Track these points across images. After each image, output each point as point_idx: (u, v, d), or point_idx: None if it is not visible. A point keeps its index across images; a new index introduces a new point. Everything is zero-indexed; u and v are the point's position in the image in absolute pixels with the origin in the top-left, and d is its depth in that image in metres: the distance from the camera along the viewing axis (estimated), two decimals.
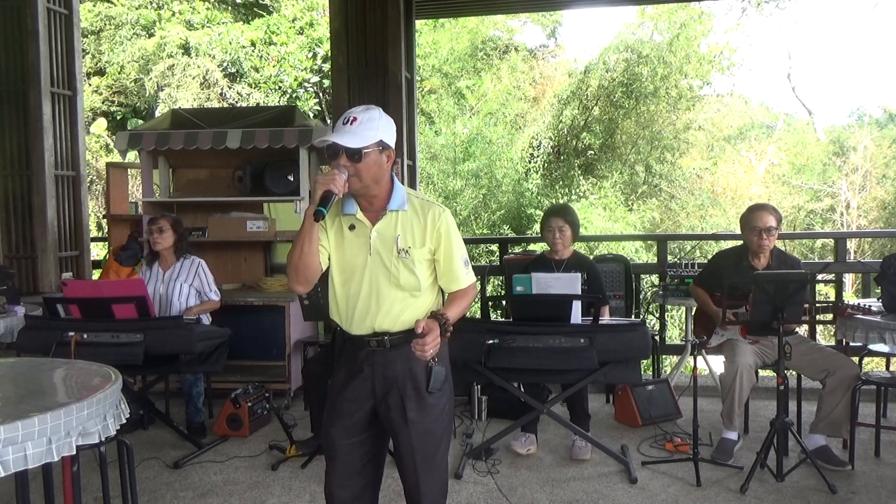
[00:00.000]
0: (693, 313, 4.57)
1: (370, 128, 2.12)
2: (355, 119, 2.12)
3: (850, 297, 8.22)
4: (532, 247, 7.85)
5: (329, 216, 2.22)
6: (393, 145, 2.19)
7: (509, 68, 15.21)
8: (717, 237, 7.88)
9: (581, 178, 13.93)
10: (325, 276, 2.26)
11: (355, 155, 2.09)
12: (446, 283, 2.24)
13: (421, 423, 2.19)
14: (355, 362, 2.23)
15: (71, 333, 3.60)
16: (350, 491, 2.27)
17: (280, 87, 13.26)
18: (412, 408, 2.18)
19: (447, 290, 2.27)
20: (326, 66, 12.65)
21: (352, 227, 2.20)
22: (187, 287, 4.32)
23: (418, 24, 7.09)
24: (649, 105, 13.95)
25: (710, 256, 4.48)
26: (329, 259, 2.23)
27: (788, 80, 23.75)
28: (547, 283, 3.71)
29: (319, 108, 13.47)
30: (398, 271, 2.16)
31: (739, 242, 4.05)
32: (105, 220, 7.43)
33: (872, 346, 3.81)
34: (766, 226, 3.80)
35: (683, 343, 5.25)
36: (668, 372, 5.53)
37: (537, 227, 12.10)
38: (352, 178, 2.11)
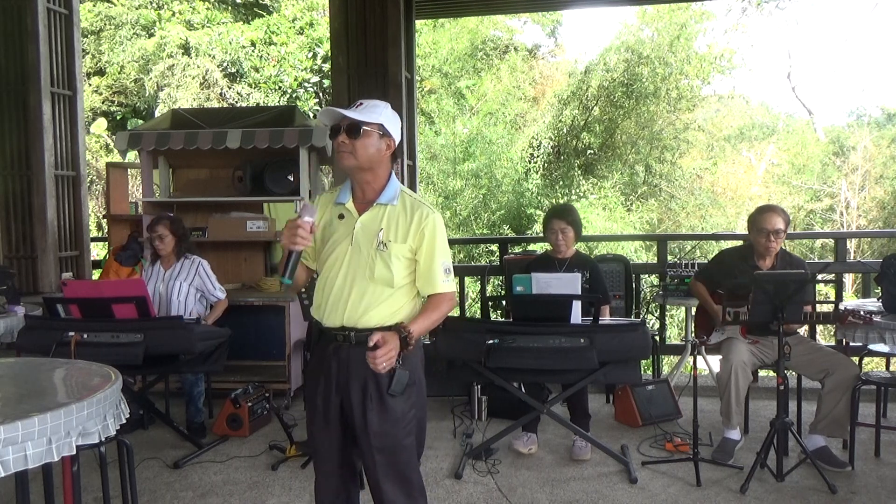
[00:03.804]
0: (693, 313, 4.57)
1: (374, 112, 2.18)
2: (361, 104, 2.20)
3: (850, 297, 8.23)
4: (532, 247, 7.85)
5: (322, 206, 2.29)
6: (395, 137, 2.22)
7: (509, 68, 15.20)
8: (717, 237, 7.89)
9: (581, 178, 13.93)
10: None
11: (354, 130, 2.13)
12: (423, 284, 2.23)
13: (380, 425, 2.17)
14: (325, 356, 2.24)
15: (71, 333, 3.60)
16: (331, 491, 2.30)
17: (280, 87, 13.26)
18: (372, 409, 2.17)
19: (423, 293, 2.25)
20: (326, 66, 12.66)
21: (341, 217, 2.24)
22: (187, 286, 4.33)
23: (418, 24, 7.09)
24: (649, 105, 13.96)
25: (710, 256, 4.47)
26: (317, 253, 2.29)
27: (788, 80, 23.75)
28: (547, 283, 3.71)
29: (319, 108, 13.44)
30: (374, 263, 2.17)
31: (739, 243, 4.05)
32: (105, 220, 7.43)
33: (872, 346, 3.82)
34: (774, 228, 3.80)
35: (683, 343, 5.25)
36: (667, 372, 5.53)
37: (537, 227, 12.16)
38: (347, 155, 2.15)
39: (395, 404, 2.18)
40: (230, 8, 15.06)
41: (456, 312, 8.26)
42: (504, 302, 4.61)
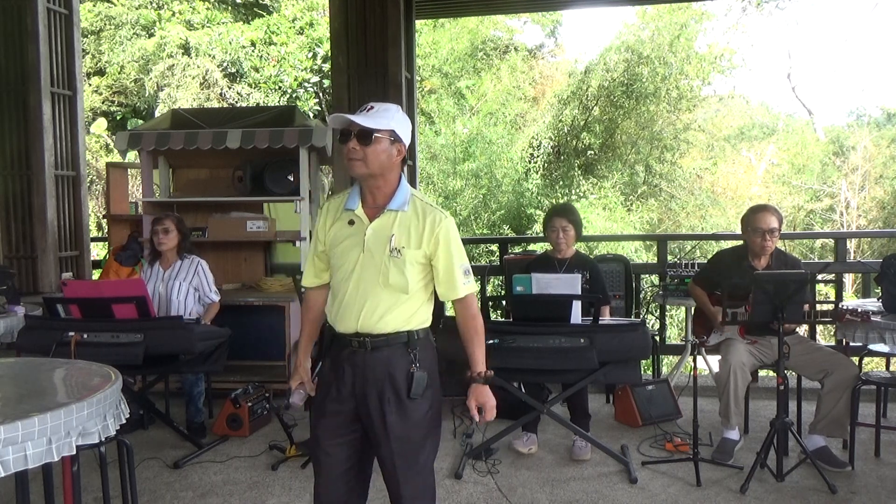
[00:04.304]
0: (693, 313, 4.57)
1: (385, 116, 2.14)
2: (372, 107, 2.15)
3: (850, 297, 8.23)
4: (532, 247, 7.85)
5: (332, 212, 2.28)
6: (406, 142, 2.20)
7: (509, 68, 15.21)
8: (717, 237, 7.88)
9: (581, 178, 13.93)
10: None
11: (366, 137, 2.10)
12: (444, 290, 2.22)
13: (400, 428, 2.16)
14: (339, 361, 2.22)
15: (71, 333, 3.60)
16: (335, 495, 2.25)
17: (280, 87, 13.26)
18: (391, 412, 2.15)
19: (445, 299, 2.24)
20: (326, 66, 12.65)
21: (351, 223, 2.21)
22: (186, 286, 4.33)
23: (418, 24, 7.08)
24: (649, 105, 13.96)
25: (710, 256, 4.48)
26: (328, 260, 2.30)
27: (788, 80, 23.83)
28: (547, 283, 3.71)
29: (319, 108, 13.46)
30: (388, 270, 2.14)
31: (739, 242, 4.05)
32: (105, 220, 7.43)
33: (872, 346, 3.82)
34: (769, 227, 3.80)
35: (683, 343, 5.25)
36: (667, 372, 5.53)
37: (537, 227, 12.14)
38: (358, 162, 2.12)
39: (413, 406, 2.17)
40: (230, 8, 15.06)
41: None
42: (504, 302, 4.61)
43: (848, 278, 10.28)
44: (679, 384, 4.89)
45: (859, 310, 3.65)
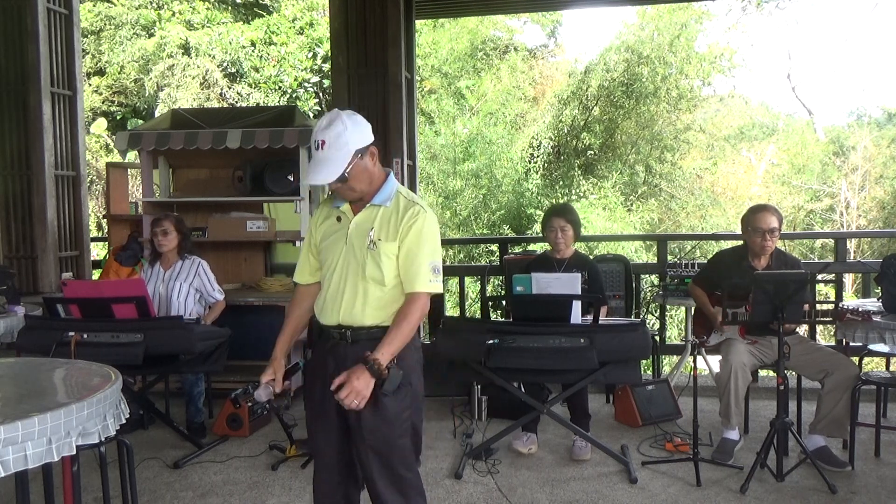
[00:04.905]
0: (693, 313, 4.58)
1: (340, 146, 2.11)
2: (324, 142, 2.11)
3: (850, 297, 8.22)
4: (532, 247, 7.84)
5: (324, 210, 2.36)
6: (370, 141, 2.20)
7: (509, 68, 15.20)
8: (717, 237, 7.88)
9: (581, 178, 13.92)
10: None
11: (340, 180, 2.15)
12: (404, 281, 2.22)
13: (373, 424, 2.19)
14: (323, 353, 2.29)
15: (71, 333, 3.60)
16: (330, 483, 2.33)
17: (280, 87, 13.26)
18: (366, 407, 2.17)
19: (405, 290, 2.22)
20: (326, 66, 12.65)
21: (339, 219, 2.29)
22: (187, 286, 4.33)
23: (418, 24, 7.08)
24: (649, 105, 13.94)
25: (710, 256, 4.48)
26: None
27: (788, 80, 23.83)
28: (547, 283, 3.71)
29: (319, 108, 13.46)
30: (365, 262, 2.20)
31: (739, 242, 4.06)
32: (105, 220, 7.43)
33: (872, 346, 3.81)
34: (769, 227, 3.81)
35: (683, 343, 5.25)
36: (668, 372, 5.53)
37: (537, 227, 12.14)
38: (347, 191, 2.19)
39: (388, 404, 2.18)
40: (230, 8, 15.06)
41: (456, 312, 8.21)
42: (504, 302, 4.61)
43: (848, 278, 10.27)
44: (679, 384, 4.89)
45: (860, 309, 3.65)
